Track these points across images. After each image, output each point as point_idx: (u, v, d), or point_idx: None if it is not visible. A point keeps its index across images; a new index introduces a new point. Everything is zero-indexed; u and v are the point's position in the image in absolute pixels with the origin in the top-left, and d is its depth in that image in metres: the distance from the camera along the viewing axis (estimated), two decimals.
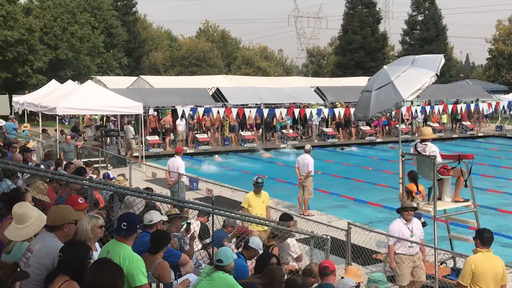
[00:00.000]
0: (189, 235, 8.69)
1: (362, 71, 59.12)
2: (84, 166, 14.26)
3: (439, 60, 11.18)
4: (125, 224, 5.58)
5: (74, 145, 22.02)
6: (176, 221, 8.69)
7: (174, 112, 30.71)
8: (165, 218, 7.58)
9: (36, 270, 4.96)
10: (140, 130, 25.67)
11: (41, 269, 4.98)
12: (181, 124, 29.93)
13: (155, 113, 30.84)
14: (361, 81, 38.23)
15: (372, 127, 35.05)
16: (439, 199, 10.77)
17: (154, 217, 7.36)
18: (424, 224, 11.34)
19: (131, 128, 26.75)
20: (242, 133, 32.11)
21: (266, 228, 10.38)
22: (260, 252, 7.55)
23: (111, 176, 13.89)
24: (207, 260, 8.82)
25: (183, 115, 29.62)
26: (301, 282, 5.88)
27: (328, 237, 9.46)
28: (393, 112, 26.44)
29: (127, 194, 8.22)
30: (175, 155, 16.86)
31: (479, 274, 7.75)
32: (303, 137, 33.95)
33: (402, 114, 33.69)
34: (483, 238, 7.98)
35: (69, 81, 31.45)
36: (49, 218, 5.39)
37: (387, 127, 35.99)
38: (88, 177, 9.16)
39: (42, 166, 13.43)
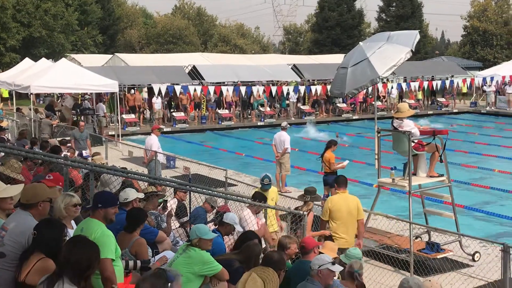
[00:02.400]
0: (166, 213, 8.70)
1: (338, 48, 59.15)
2: (59, 144, 14.12)
3: (414, 36, 11.23)
4: (99, 202, 5.56)
5: (86, 132, 19.70)
6: (153, 199, 8.66)
7: (150, 90, 30.50)
8: (141, 195, 7.56)
9: (11, 249, 4.92)
10: (116, 108, 25.47)
11: (16, 247, 4.94)
12: (157, 102, 29.75)
13: (132, 91, 30.62)
14: (337, 58, 38.24)
15: (348, 104, 35.20)
16: (414, 174, 10.89)
17: (130, 195, 7.34)
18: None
19: (103, 106, 26.58)
20: (219, 111, 32.03)
21: (276, 228, 10.27)
22: (236, 227, 7.58)
23: (84, 154, 13.79)
24: (184, 238, 8.84)
25: (159, 93, 29.45)
26: (277, 257, 5.91)
27: (305, 213, 9.51)
28: (370, 89, 26.66)
29: (103, 172, 8.18)
30: (151, 133, 16.79)
31: (335, 211, 9.32)
32: (280, 115, 33.95)
33: (378, 91, 33.87)
34: (339, 182, 9.65)
35: (43, 59, 30.97)
36: (24, 196, 5.34)
37: (364, 105, 36.13)
38: (63, 156, 9.08)
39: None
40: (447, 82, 37.03)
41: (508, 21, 60.37)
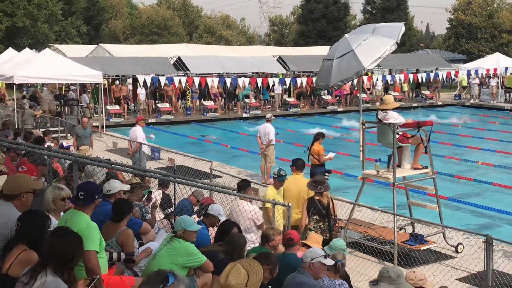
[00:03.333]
0: (150, 204, 8.67)
1: (324, 41, 59.12)
2: (42, 135, 14.03)
3: (399, 28, 11.24)
4: (82, 193, 5.52)
5: (90, 129, 18.32)
6: (137, 191, 8.63)
7: (134, 81, 30.34)
8: (126, 187, 7.51)
9: None
10: (100, 99, 25.32)
11: None
12: (141, 93, 29.60)
13: (118, 82, 30.46)
14: (323, 50, 38.25)
15: (334, 96, 35.26)
16: (399, 166, 10.93)
17: (113, 187, 7.29)
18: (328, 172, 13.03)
19: (86, 97, 26.43)
20: (204, 102, 31.95)
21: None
22: (221, 218, 7.57)
23: (65, 145, 13.69)
24: (169, 229, 8.81)
25: (144, 84, 29.32)
26: (274, 258, 5.89)
27: (290, 204, 9.51)
28: (355, 81, 26.70)
29: (87, 163, 8.12)
30: (136, 124, 16.71)
31: (287, 190, 10.10)
32: (266, 107, 33.92)
33: (363, 83, 33.96)
34: (298, 165, 10.48)
35: (26, 49, 30.71)
36: (6, 187, 5.30)
37: (350, 97, 36.18)
38: (46, 146, 9.01)
39: None
40: (432, 75, 37.19)
41: (492, 14, 60.71)
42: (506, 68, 37.17)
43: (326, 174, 13.74)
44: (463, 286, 8.95)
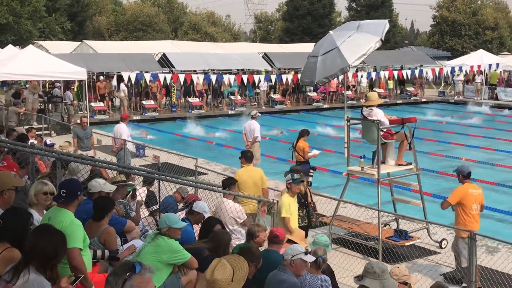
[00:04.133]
0: (135, 202, 8.62)
1: (309, 37, 59.18)
2: (25, 132, 13.92)
3: (383, 25, 11.28)
4: (64, 191, 5.48)
5: (90, 129, 17.24)
6: (122, 188, 8.58)
7: (119, 78, 30.18)
8: (108, 189, 7.41)
9: None
10: (84, 96, 25.17)
11: None
12: (125, 90, 29.44)
13: (102, 78, 30.28)
14: (308, 47, 38.25)
15: (319, 93, 35.33)
16: (383, 162, 10.99)
17: (92, 186, 7.23)
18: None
19: (70, 95, 26.28)
20: (189, 99, 31.87)
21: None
22: (206, 215, 7.55)
23: (49, 142, 13.59)
24: (154, 227, 8.78)
25: (129, 81, 29.18)
26: (257, 252, 5.90)
27: (275, 201, 9.53)
28: (341, 78, 26.76)
29: (70, 161, 8.06)
30: (120, 122, 16.63)
31: (242, 182, 10.28)
32: (251, 104, 33.90)
33: (348, 80, 34.05)
34: (246, 157, 10.82)
35: (10, 46, 30.45)
36: None
37: (335, 94, 36.20)
38: (29, 144, 8.93)
39: None
40: (416, 72, 37.38)
41: (476, 11, 61.12)
42: (490, 65, 37.45)
43: (311, 171, 13.76)
44: (447, 281, 8.99)
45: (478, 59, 38.24)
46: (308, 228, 9.87)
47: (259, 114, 17.36)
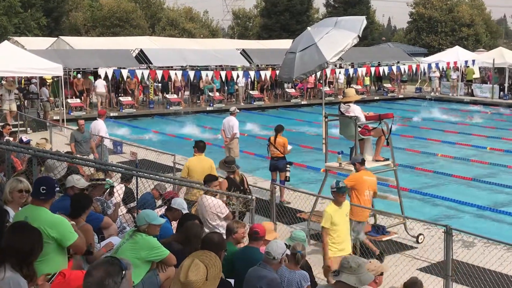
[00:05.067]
0: (112, 199, 8.57)
1: (287, 34, 59.22)
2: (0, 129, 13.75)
3: (361, 21, 11.35)
4: (44, 188, 5.42)
5: (89, 132, 15.79)
6: (99, 185, 8.52)
7: (95, 74, 29.95)
8: (81, 184, 7.36)
9: None
10: (60, 92, 24.92)
11: None
12: (99, 86, 29.21)
13: (79, 76, 30.01)
14: (286, 43, 38.30)
15: (297, 89, 35.39)
16: None
17: (68, 181, 7.21)
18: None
19: (46, 91, 26.01)
20: (167, 96, 31.73)
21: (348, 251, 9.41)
22: (184, 212, 7.53)
23: (25, 139, 13.44)
24: (131, 224, 8.74)
25: (105, 77, 28.97)
26: (217, 240, 5.90)
27: (253, 197, 9.55)
28: (319, 74, 26.84)
29: (46, 158, 7.98)
30: (97, 118, 16.51)
31: (192, 170, 10.97)
32: (230, 100, 33.83)
33: (326, 76, 34.17)
34: (199, 147, 11.39)
35: None
36: None
37: (314, 90, 36.28)
38: (4, 140, 8.83)
39: None
40: (394, 68, 37.63)
41: (452, 8, 61.68)
42: (466, 61, 37.84)
43: (288, 166, 13.87)
44: (423, 275, 9.08)
45: (454, 55, 38.60)
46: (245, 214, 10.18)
47: (238, 111, 17.34)
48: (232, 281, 6.19)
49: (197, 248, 6.20)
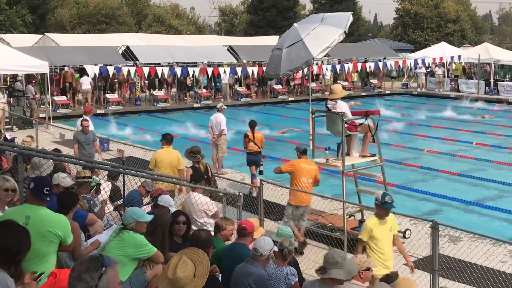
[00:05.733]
0: (99, 196, 8.54)
1: (274, 30, 59.20)
2: None
3: (347, 18, 11.38)
4: (48, 189, 5.46)
5: (93, 134, 14.83)
6: (85, 183, 8.49)
7: (82, 71, 29.78)
8: (66, 183, 7.33)
9: None
10: (46, 90, 24.75)
11: None
12: (84, 83, 29.07)
13: (66, 68, 29.83)
14: (273, 40, 38.33)
15: (284, 86, 35.42)
16: (348, 154, 11.08)
17: (53, 179, 7.18)
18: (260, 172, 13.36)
19: (32, 88, 25.84)
20: (154, 92, 31.63)
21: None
22: (171, 209, 7.52)
23: (9, 137, 13.35)
24: (118, 221, 8.71)
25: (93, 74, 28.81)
26: (204, 236, 5.90)
27: (241, 194, 9.55)
28: (305, 71, 26.87)
29: (32, 155, 7.93)
30: (83, 116, 16.42)
31: (159, 161, 11.31)
32: (217, 97, 33.77)
33: (313, 73, 34.22)
34: (166, 139, 11.69)
35: None
36: None
37: (301, 87, 36.30)
38: None
39: None
40: (380, 64, 37.76)
41: (438, 4, 61.95)
42: (452, 57, 38.04)
43: (262, 159, 14.19)
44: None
45: (440, 51, 38.80)
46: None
47: (225, 107, 17.35)
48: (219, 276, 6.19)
49: (165, 237, 6.25)
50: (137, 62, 31.75)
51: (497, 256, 9.86)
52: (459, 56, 38.08)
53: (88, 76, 28.77)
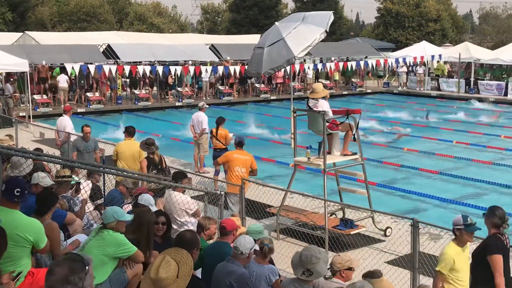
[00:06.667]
0: (79, 195, 8.48)
1: (256, 29, 59.20)
2: None
3: (328, 16, 11.40)
4: (19, 190, 5.37)
5: (94, 141, 13.75)
6: (65, 182, 8.42)
7: (62, 69, 29.53)
8: (45, 183, 7.26)
9: None
10: (26, 88, 24.51)
11: None
12: (61, 81, 28.84)
13: (44, 62, 29.57)
14: (255, 38, 38.32)
15: (267, 84, 35.42)
16: (329, 153, 11.11)
17: (33, 178, 7.11)
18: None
19: (9, 87, 25.59)
20: (135, 91, 31.47)
21: None
22: (152, 208, 7.49)
23: None
24: (99, 221, 8.66)
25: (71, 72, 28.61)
26: (189, 236, 5.89)
27: (222, 192, 9.54)
28: (287, 69, 26.89)
29: (11, 155, 7.85)
30: (63, 114, 16.31)
31: (121, 153, 11.93)
32: (200, 95, 33.67)
33: (296, 72, 34.29)
34: (129, 131, 12.41)
35: None
36: None
37: (283, 85, 36.31)
38: None
39: None
40: (362, 63, 37.91)
41: (419, 4, 62.31)
42: (432, 56, 38.31)
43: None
44: (391, 268, 9.19)
45: (421, 50, 39.05)
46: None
47: (207, 106, 17.31)
48: (199, 273, 6.20)
49: (150, 235, 6.23)
50: (118, 60, 31.55)
51: None
52: (440, 55, 38.35)
53: (67, 74, 28.56)
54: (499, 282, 6.26)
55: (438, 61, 38.66)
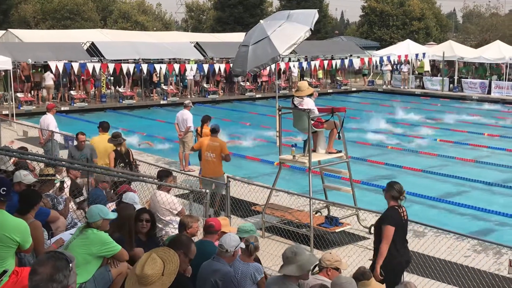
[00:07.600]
0: (63, 194, 8.42)
1: (241, 27, 59.15)
2: None
3: (313, 15, 11.40)
4: (5, 189, 5.33)
5: (90, 148, 12.67)
6: (49, 181, 8.36)
7: (46, 67, 29.32)
8: (28, 180, 7.21)
9: None
10: (9, 86, 24.31)
11: None
12: (47, 78, 28.64)
13: (30, 61, 29.35)
14: (240, 36, 38.18)
15: (252, 82, 35.41)
16: (314, 151, 11.13)
17: (15, 176, 7.07)
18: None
19: None
20: (120, 89, 31.31)
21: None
22: (136, 206, 7.46)
23: None
24: (83, 219, 8.60)
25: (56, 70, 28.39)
26: (185, 240, 5.87)
27: (207, 191, 9.52)
28: (273, 68, 26.91)
29: None
30: (46, 113, 16.19)
31: (96, 148, 12.46)
32: (184, 93, 33.58)
33: (281, 70, 34.32)
34: (103, 127, 12.94)
35: None
36: None
37: (268, 83, 36.32)
38: None
39: None
40: (346, 62, 38.02)
41: (403, 2, 62.59)
42: (417, 55, 38.53)
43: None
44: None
45: (405, 49, 39.26)
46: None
47: (192, 105, 17.26)
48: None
49: (132, 230, 6.21)
50: (102, 58, 31.38)
51: (460, 250, 10.04)
52: (424, 54, 38.57)
53: (52, 72, 28.37)
54: (383, 250, 7.14)
55: (419, 60, 38.87)
